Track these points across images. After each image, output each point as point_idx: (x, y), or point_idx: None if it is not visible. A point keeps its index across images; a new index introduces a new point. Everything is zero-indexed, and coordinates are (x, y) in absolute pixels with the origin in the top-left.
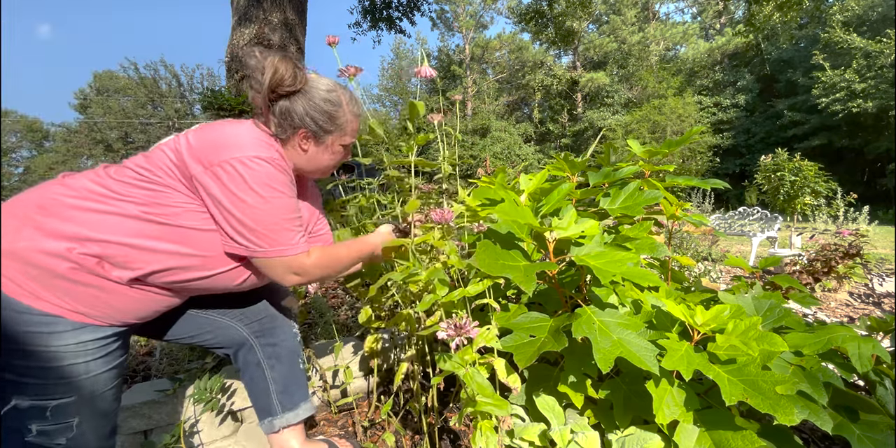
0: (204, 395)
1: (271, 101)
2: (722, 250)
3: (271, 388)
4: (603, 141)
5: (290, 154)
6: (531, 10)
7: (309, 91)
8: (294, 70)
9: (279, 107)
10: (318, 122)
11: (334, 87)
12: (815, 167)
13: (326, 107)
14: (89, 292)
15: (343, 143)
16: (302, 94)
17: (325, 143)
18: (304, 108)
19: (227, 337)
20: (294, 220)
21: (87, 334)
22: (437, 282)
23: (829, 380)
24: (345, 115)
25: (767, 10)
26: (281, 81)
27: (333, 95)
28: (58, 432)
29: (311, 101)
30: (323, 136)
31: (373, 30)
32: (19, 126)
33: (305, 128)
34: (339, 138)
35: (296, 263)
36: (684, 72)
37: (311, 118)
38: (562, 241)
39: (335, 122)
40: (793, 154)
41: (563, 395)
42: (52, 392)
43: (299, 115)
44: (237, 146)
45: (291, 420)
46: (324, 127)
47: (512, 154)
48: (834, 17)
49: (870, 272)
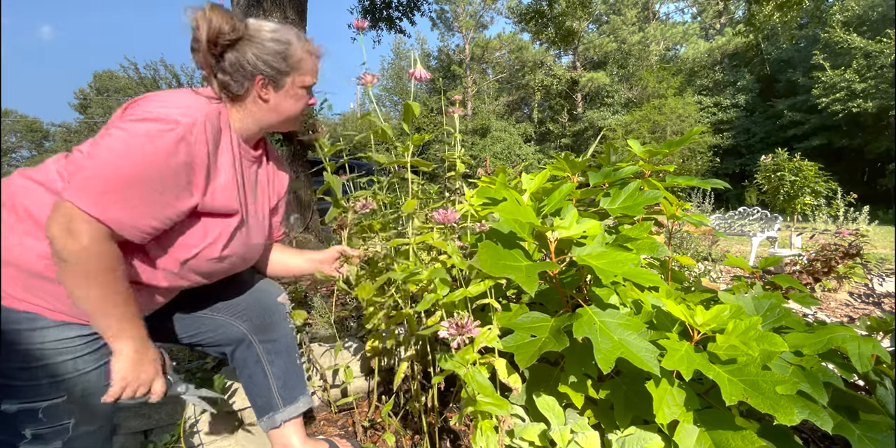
0: None
1: (216, 57)
2: (722, 250)
3: (272, 383)
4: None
5: (249, 110)
6: (531, 10)
7: (254, 35)
8: (230, 17)
9: (228, 60)
10: (271, 64)
11: (278, 27)
12: (815, 167)
13: (277, 46)
14: (61, 290)
15: (304, 83)
16: (247, 41)
17: (285, 86)
18: (254, 53)
19: (225, 335)
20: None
21: (70, 331)
22: (438, 281)
23: (829, 380)
24: (298, 53)
25: (767, 10)
26: (219, 31)
27: (280, 34)
28: (53, 435)
29: (260, 44)
30: (281, 79)
31: (373, 30)
32: (19, 126)
33: (261, 74)
34: (298, 79)
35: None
36: (684, 72)
37: (263, 62)
38: (563, 240)
39: (289, 62)
40: (793, 154)
41: (564, 395)
42: (40, 393)
43: (251, 61)
44: (143, 103)
45: (292, 413)
46: (279, 68)
47: (512, 154)
48: (834, 17)
49: (870, 272)
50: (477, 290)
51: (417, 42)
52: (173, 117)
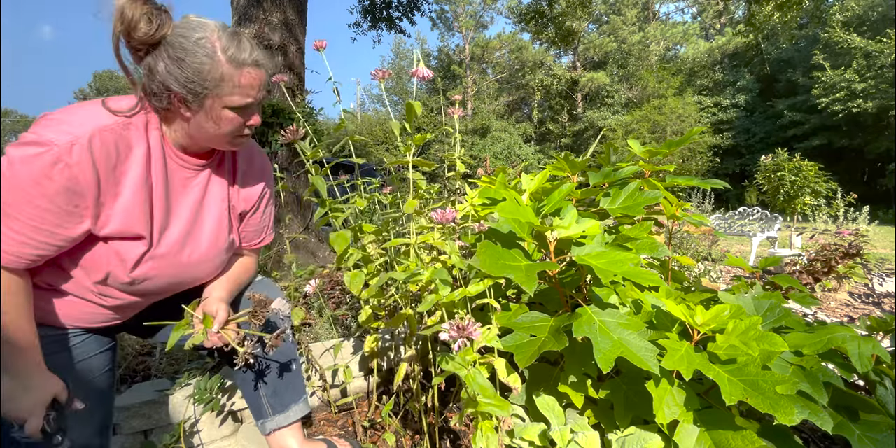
0: (204, 395)
1: (138, 59)
2: (722, 250)
3: (261, 390)
4: (603, 141)
5: (181, 125)
6: (531, 10)
7: (171, 42)
8: (149, 11)
9: (144, 65)
10: (182, 81)
11: (206, 31)
12: (815, 167)
13: (192, 59)
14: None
15: (230, 104)
16: (164, 47)
17: (204, 108)
18: (166, 66)
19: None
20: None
21: (43, 330)
22: (438, 282)
23: (829, 380)
24: (220, 68)
25: (767, 10)
26: (130, 28)
27: (203, 43)
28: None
29: (174, 56)
30: (197, 100)
31: (373, 30)
32: (19, 126)
33: (173, 90)
34: (218, 100)
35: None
36: (684, 72)
37: (174, 78)
38: (563, 240)
39: (207, 80)
40: (793, 154)
41: (564, 395)
42: None
43: (161, 74)
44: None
45: (282, 422)
46: (192, 87)
47: (512, 154)
48: (834, 17)
49: (870, 272)
50: (476, 290)
51: (417, 42)
52: (48, 139)
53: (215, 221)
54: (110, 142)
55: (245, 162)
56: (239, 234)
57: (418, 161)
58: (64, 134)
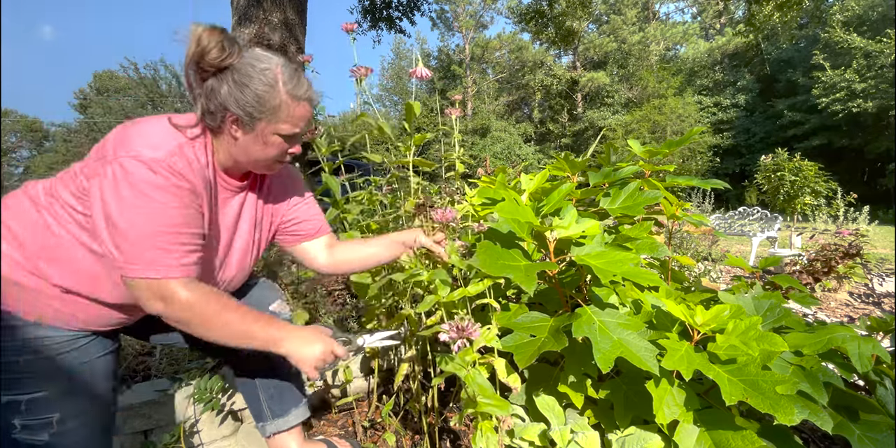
0: (204, 395)
1: (201, 79)
2: (722, 250)
3: (261, 394)
4: (603, 141)
5: (225, 143)
6: (531, 10)
7: (239, 68)
8: (222, 40)
9: (206, 86)
10: (242, 104)
11: (273, 64)
12: (815, 167)
13: (255, 86)
14: (36, 297)
15: (279, 131)
16: (231, 72)
17: (256, 130)
18: (229, 88)
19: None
20: (167, 235)
21: (48, 331)
22: (438, 282)
23: (829, 380)
24: (278, 98)
25: (767, 10)
26: (203, 53)
27: (267, 74)
28: (38, 427)
29: (239, 81)
30: (251, 123)
31: (373, 30)
32: (19, 126)
33: (231, 111)
34: (271, 126)
35: (164, 289)
36: (684, 72)
37: (235, 100)
38: (562, 240)
39: (265, 106)
40: (793, 154)
41: (563, 395)
42: (21, 386)
43: (223, 95)
44: (123, 146)
45: (282, 426)
46: (250, 111)
47: (512, 154)
48: (834, 16)
49: (870, 272)
50: (476, 290)
51: (417, 42)
52: (152, 157)
53: (244, 244)
54: (191, 154)
55: (272, 178)
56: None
57: (418, 161)
58: (161, 149)
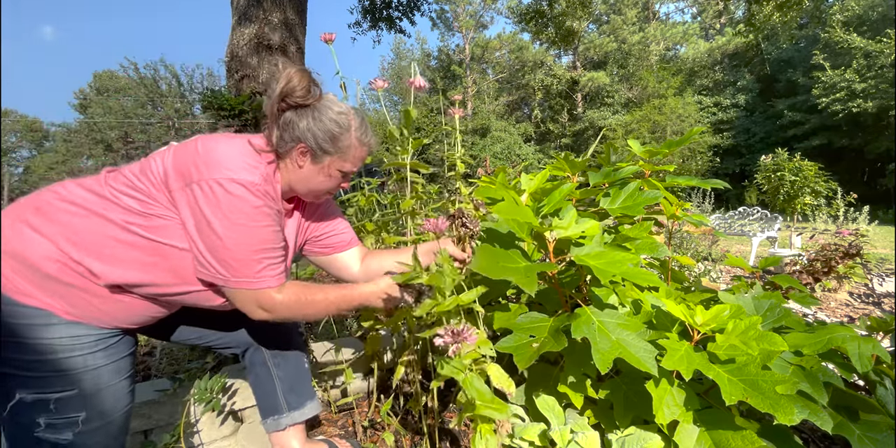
0: (204, 394)
1: (280, 110)
2: (722, 250)
3: (278, 386)
4: (603, 141)
5: (286, 169)
6: (531, 10)
7: (319, 108)
8: (309, 84)
9: (285, 117)
10: (318, 139)
11: (347, 110)
12: (815, 167)
13: (331, 126)
14: (77, 294)
15: (342, 168)
16: (311, 110)
17: (323, 163)
18: (308, 124)
19: (234, 337)
20: (266, 251)
21: (80, 329)
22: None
23: (829, 380)
24: (349, 140)
25: (767, 10)
26: (292, 91)
27: (343, 118)
28: (64, 426)
29: (318, 119)
30: (320, 156)
31: (373, 30)
32: (19, 126)
33: (305, 142)
34: (337, 162)
35: (264, 298)
36: (684, 72)
37: (312, 134)
38: (562, 240)
39: (337, 144)
40: (793, 154)
41: (563, 395)
42: (51, 385)
43: (301, 128)
44: (218, 165)
45: (297, 419)
46: (323, 146)
47: (512, 154)
48: (834, 16)
49: (870, 272)
50: (469, 299)
51: (417, 42)
52: (246, 179)
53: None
54: (273, 179)
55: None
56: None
57: (415, 163)
58: (255, 174)
